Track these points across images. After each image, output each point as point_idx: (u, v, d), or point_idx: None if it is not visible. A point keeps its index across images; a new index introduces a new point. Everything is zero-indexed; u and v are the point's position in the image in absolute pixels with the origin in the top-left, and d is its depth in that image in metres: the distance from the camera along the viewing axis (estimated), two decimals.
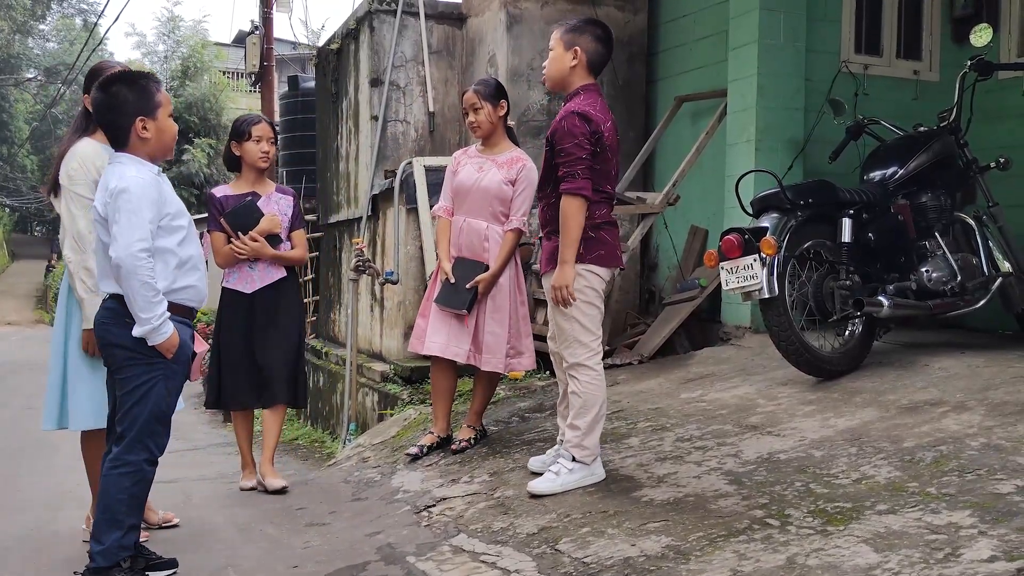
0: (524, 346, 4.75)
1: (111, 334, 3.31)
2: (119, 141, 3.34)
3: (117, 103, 3.30)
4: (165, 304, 3.26)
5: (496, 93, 4.70)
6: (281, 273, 4.85)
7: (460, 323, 4.64)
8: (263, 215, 4.78)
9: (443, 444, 4.87)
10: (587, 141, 3.70)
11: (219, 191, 4.92)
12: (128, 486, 3.25)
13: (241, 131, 4.85)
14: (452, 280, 4.62)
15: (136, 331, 3.21)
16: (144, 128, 3.31)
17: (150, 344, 3.24)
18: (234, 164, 4.94)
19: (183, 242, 3.39)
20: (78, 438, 4.04)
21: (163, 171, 3.48)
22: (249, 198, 4.82)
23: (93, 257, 3.59)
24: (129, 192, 3.21)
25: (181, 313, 3.38)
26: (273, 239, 4.80)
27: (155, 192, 3.28)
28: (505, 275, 4.66)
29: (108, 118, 3.34)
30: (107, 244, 3.27)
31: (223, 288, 4.86)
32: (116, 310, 3.29)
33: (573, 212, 3.69)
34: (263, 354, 4.80)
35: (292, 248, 4.91)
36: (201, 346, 3.57)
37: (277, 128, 5.07)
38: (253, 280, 4.81)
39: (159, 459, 3.43)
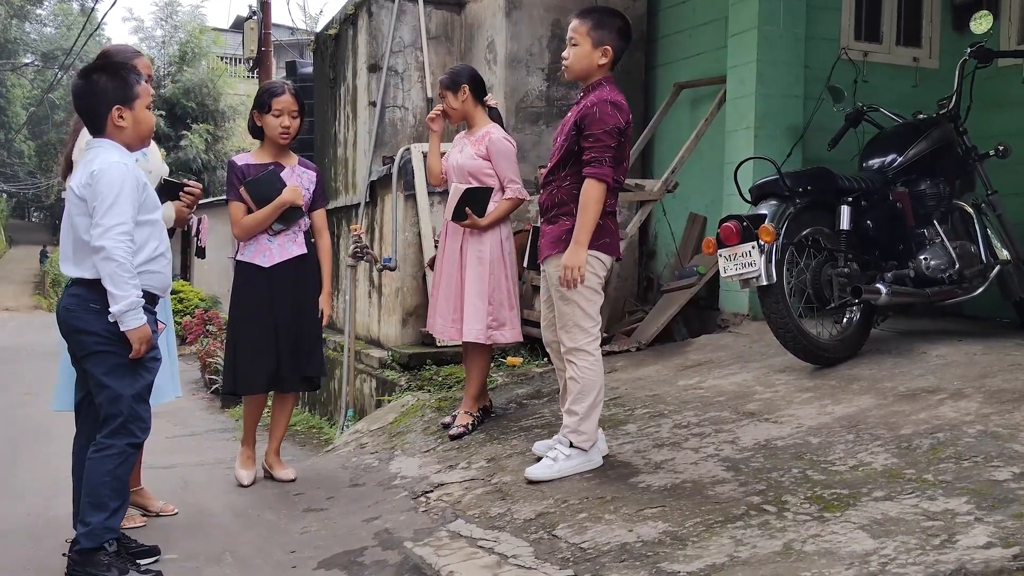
0: (507, 318, 4.78)
1: (80, 321, 3.30)
2: (96, 128, 3.37)
3: (96, 90, 3.33)
4: (140, 289, 3.26)
5: (456, 80, 4.85)
6: (301, 249, 4.61)
7: (450, 303, 4.78)
8: (285, 185, 4.55)
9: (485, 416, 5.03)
10: (617, 130, 3.75)
11: (240, 159, 4.69)
12: (111, 468, 3.27)
13: (261, 102, 4.60)
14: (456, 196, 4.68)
15: (114, 308, 3.21)
16: (120, 117, 3.34)
17: (123, 328, 3.23)
18: (258, 133, 4.68)
19: (151, 235, 3.39)
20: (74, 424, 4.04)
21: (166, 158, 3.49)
22: (272, 167, 4.59)
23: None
24: (111, 176, 3.23)
25: (145, 299, 3.34)
26: (294, 212, 4.57)
27: (134, 180, 3.29)
28: (486, 246, 4.75)
29: (86, 104, 3.36)
30: (77, 225, 3.28)
31: (238, 262, 4.62)
32: (83, 296, 3.30)
33: (596, 197, 3.73)
34: (289, 336, 4.55)
35: (311, 226, 4.70)
36: (159, 325, 3.57)
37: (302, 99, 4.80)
38: (271, 254, 4.57)
39: (155, 446, 3.43)
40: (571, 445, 3.85)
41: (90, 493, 3.26)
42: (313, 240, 4.75)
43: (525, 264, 4.90)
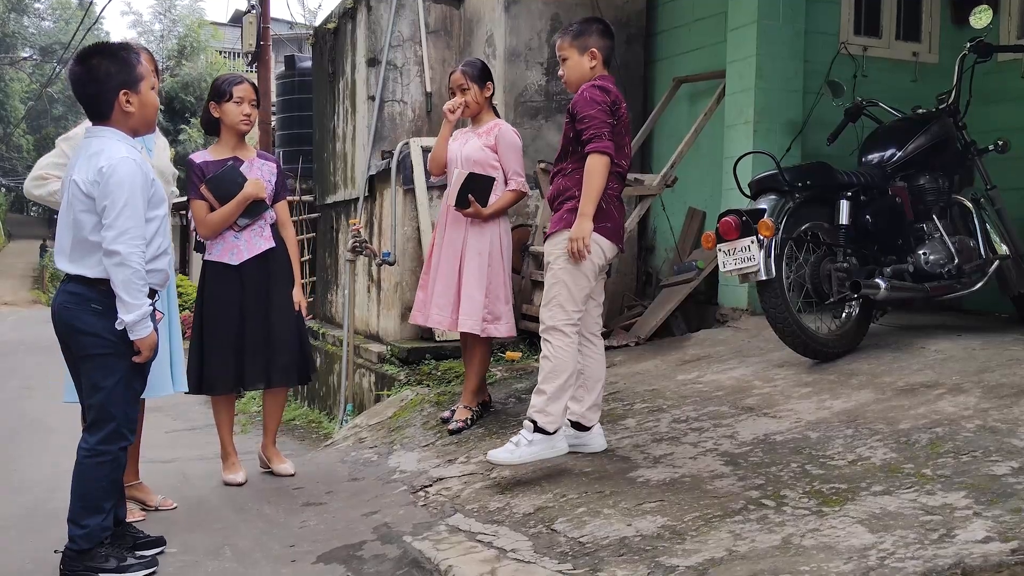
0: (502, 312, 4.81)
1: (79, 320, 3.21)
2: (100, 115, 3.25)
3: (99, 76, 3.20)
4: (147, 294, 3.22)
5: (482, 75, 4.90)
6: (269, 243, 4.58)
7: (447, 293, 4.80)
8: (246, 180, 4.49)
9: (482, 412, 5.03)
10: (608, 108, 3.83)
11: (198, 157, 4.63)
12: (107, 474, 3.25)
13: (222, 91, 4.54)
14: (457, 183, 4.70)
15: (126, 317, 3.15)
16: (128, 102, 3.23)
17: (133, 337, 3.18)
18: (213, 127, 4.64)
19: (157, 231, 3.32)
20: (76, 418, 4.03)
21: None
22: (231, 162, 4.54)
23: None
24: (121, 175, 3.13)
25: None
26: (258, 205, 4.53)
27: (144, 176, 3.21)
28: (487, 240, 4.77)
29: (90, 91, 3.23)
30: (81, 222, 3.19)
31: (206, 261, 4.58)
32: (82, 295, 3.21)
33: (599, 169, 3.79)
34: (259, 332, 4.54)
35: (276, 219, 4.66)
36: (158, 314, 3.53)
37: (258, 90, 4.76)
38: (239, 251, 4.53)
39: (154, 440, 3.42)
40: (535, 428, 3.78)
41: (84, 497, 3.23)
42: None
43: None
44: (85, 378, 3.28)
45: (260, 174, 4.60)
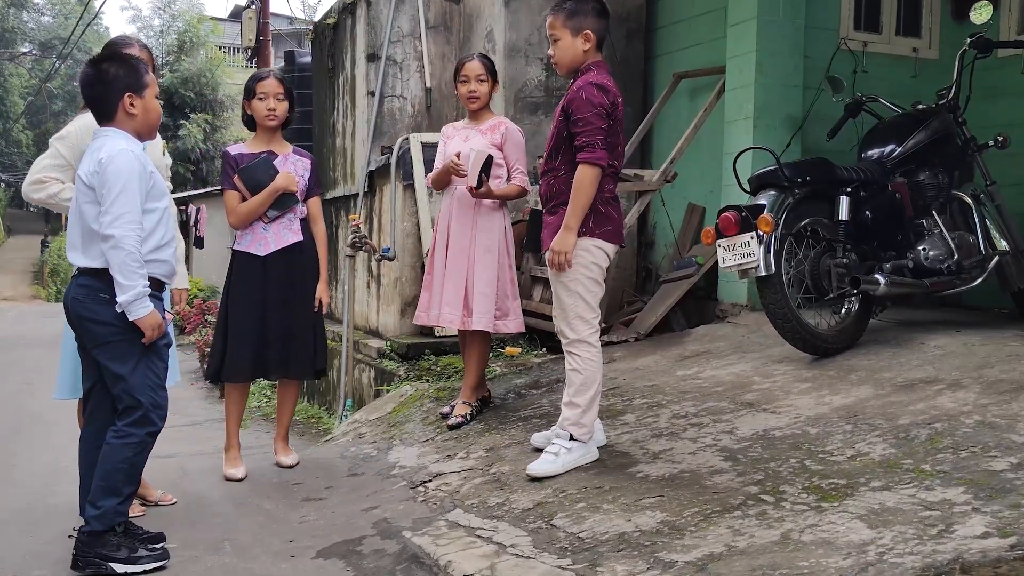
0: (510, 308, 4.83)
1: (90, 311, 3.32)
2: (105, 115, 3.38)
3: (107, 78, 3.35)
4: (146, 279, 3.28)
5: (495, 70, 4.93)
6: (297, 236, 4.66)
7: (458, 292, 4.76)
8: (278, 172, 4.59)
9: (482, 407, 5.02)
10: (605, 111, 3.72)
11: (234, 149, 4.75)
12: (130, 456, 3.31)
13: (247, 89, 4.71)
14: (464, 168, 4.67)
15: (120, 298, 3.23)
16: (132, 104, 3.37)
17: (131, 318, 3.26)
18: (251, 123, 4.78)
19: (158, 224, 3.40)
20: (75, 414, 4.04)
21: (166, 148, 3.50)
22: (265, 155, 4.64)
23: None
24: (119, 164, 3.24)
25: (151, 285, 3.37)
26: (288, 198, 4.61)
27: (141, 167, 3.31)
28: (494, 237, 4.78)
29: (97, 92, 3.38)
30: (85, 213, 3.30)
31: (234, 251, 4.67)
32: (92, 286, 3.32)
33: (589, 181, 3.71)
34: (280, 324, 4.60)
35: (307, 215, 4.74)
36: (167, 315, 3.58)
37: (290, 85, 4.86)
38: (267, 242, 4.61)
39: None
40: (571, 438, 3.82)
41: (104, 478, 3.29)
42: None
43: (523, 246, 4.89)
44: (104, 370, 3.36)
45: (293, 169, 4.69)
